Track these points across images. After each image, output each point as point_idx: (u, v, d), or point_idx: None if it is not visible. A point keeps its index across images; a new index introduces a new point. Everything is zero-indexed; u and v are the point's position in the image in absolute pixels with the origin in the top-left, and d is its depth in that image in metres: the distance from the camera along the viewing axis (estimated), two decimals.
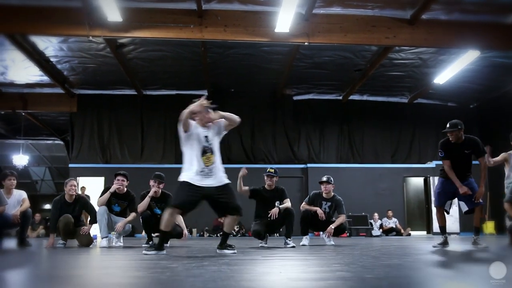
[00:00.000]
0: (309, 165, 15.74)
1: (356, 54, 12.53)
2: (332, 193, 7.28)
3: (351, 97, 16.01)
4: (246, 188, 6.66)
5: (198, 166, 4.60)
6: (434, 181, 15.58)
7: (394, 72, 13.85)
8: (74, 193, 6.91)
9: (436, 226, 15.39)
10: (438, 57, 12.55)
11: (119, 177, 6.85)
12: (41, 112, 16.88)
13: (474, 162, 6.11)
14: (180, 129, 4.71)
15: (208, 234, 14.63)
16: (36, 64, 12.66)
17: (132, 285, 2.37)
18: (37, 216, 14.80)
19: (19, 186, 7.02)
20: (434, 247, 5.82)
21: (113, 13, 9.40)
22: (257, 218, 6.70)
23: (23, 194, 6.80)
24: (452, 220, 15.14)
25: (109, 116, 15.76)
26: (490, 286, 2.21)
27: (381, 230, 14.70)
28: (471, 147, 5.93)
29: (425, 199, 16.26)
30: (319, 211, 7.04)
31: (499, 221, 12.97)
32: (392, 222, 14.91)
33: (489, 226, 14.52)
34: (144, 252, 4.58)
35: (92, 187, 13.97)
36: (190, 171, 4.61)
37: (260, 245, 6.51)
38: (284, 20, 9.60)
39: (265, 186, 6.78)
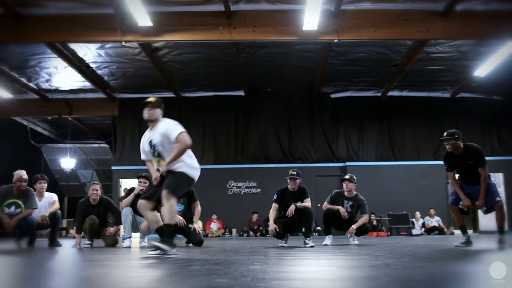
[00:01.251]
0: (348, 163, 15.55)
1: (390, 49, 12.27)
2: (354, 192, 7.12)
3: (390, 93, 15.68)
4: (275, 206, 6.70)
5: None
6: None
7: (433, 66, 13.46)
8: (96, 197, 7.12)
9: (483, 225, 14.88)
10: (478, 49, 12.09)
11: (141, 179, 7.02)
12: (86, 117, 17.51)
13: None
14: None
15: (246, 234, 14.72)
16: (77, 71, 13.15)
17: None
18: None
19: (68, 189, 7.33)
20: (456, 246, 5.63)
21: (143, 18, 9.64)
22: (277, 218, 6.69)
23: (53, 197, 7.10)
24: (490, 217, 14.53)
25: None
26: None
27: (423, 229, 14.30)
28: (472, 158, 5.74)
29: None
30: (341, 209, 6.94)
31: None
32: (434, 221, 14.49)
33: None
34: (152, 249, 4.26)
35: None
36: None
37: (280, 244, 6.49)
38: (312, 17, 9.53)
39: (288, 187, 6.73)
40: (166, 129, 4.51)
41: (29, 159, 18.23)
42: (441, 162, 15.60)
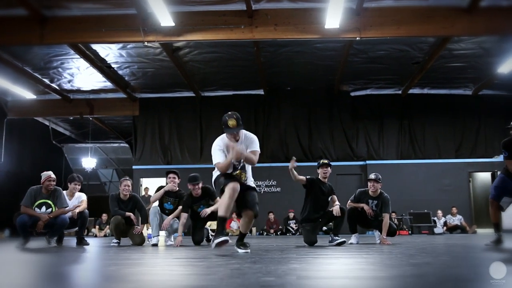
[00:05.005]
0: (368, 162, 15.47)
1: (412, 47, 12.16)
2: (379, 191, 7.05)
3: (411, 91, 15.55)
4: (302, 177, 6.49)
5: None
6: None
7: (455, 64, 13.30)
8: (127, 193, 7.22)
9: (506, 223, 14.64)
10: (501, 45, 11.92)
11: (171, 175, 7.08)
12: (107, 117, 17.68)
13: None
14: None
15: (266, 233, 14.73)
16: (99, 71, 13.29)
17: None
18: (104, 216, 15.42)
19: (89, 188, 7.41)
20: (486, 245, 5.54)
21: (165, 18, 9.68)
22: (306, 221, 6.55)
23: (82, 196, 7.19)
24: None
25: (169, 118, 16.25)
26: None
27: (445, 227, 14.16)
28: None
29: None
30: (366, 207, 6.88)
31: None
32: (456, 220, 14.33)
33: None
34: (243, 251, 4.59)
35: (155, 188, 14.46)
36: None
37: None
38: (334, 15, 9.48)
39: (319, 177, 6.65)
40: (253, 142, 4.85)
41: (51, 159, 18.43)
42: (463, 160, 15.44)
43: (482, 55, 12.57)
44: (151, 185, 15.15)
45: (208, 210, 6.91)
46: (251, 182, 4.93)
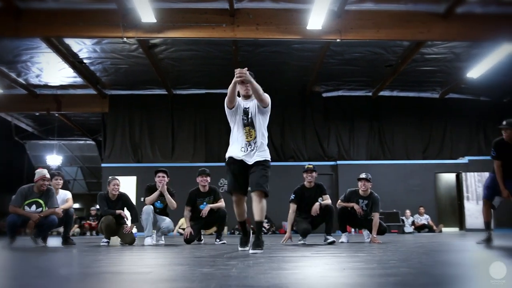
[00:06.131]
0: (339, 162, 15.71)
1: (387, 50, 12.43)
2: (369, 191, 7.19)
3: (381, 93, 15.90)
4: (293, 208, 6.68)
5: (241, 142, 4.67)
6: (467, 177, 15.38)
7: (425, 67, 13.69)
8: (116, 192, 7.09)
9: (469, 223, 15.25)
10: (471, 51, 12.35)
11: (160, 174, 6.97)
12: (73, 113, 17.21)
13: None
14: (225, 107, 4.74)
15: (237, 232, 14.71)
16: (70, 66, 12.92)
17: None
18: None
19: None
20: (478, 243, 5.74)
21: (147, 14, 9.52)
22: (298, 216, 6.70)
23: (67, 194, 7.01)
24: (476, 215, 14.93)
25: (140, 116, 15.99)
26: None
27: (413, 227, 14.56)
28: None
29: (457, 196, 16.04)
30: (356, 206, 6.99)
31: None
32: (424, 219, 14.76)
33: None
34: (251, 251, 4.41)
35: (124, 187, 14.17)
36: (233, 146, 4.72)
37: (300, 242, 6.50)
38: (317, 17, 9.58)
39: (305, 184, 6.75)
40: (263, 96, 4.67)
41: (12, 155, 17.80)
42: (430, 162, 15.91)
43: (452, 59, 12.99)
44: (120, 184, 14.82)
45: (208, 208, 6.92)
46: (261, 151, 4.65)
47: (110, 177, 7.33)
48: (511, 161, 5.80)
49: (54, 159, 18.38)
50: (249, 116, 4.68)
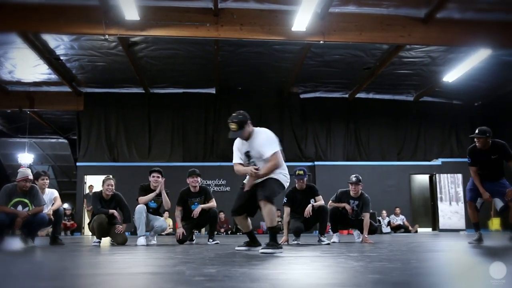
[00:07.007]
0: (316, 163, 15.82)
1: (366, 52, 12.59)
2: (360, 191, 7.28)
3: (358, 95, 16.09)
4: (287, 212, 6.74)
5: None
6: (440, 178, 15.73)
7: (402, 70, 13.94)
8: (110, 192, 6.98)
9: (442, 223, 15.61)
10: (447, 56, 12.64)
11: (154, 174, 6.89)
12: (45, 111, 16.78)
13: None
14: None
15: (216, 233, 14.63)
16: (45, 63, 12.59)
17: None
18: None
19: None
20: (470, 243, 5.89)
21: (130, 12, 9.37)
22: (291, 217, 6.72)
23: (55, 193, 6.86)
24: (458, 217, 15.33)
25: (117, 115, 15.73)
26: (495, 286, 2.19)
27: (389, 227, 14.80)
28: (497, 152, 5.97)
29: (430, 196, 16.41)
30: (347, 206, 7.08)
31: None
32: (399, 219, 15.02)
33: (494, 223, 14.65)
34: (260, 251, 4.43)
35: (99, 186, 13.93)
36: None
37: (295, 242, 6.53)
38: (302, 19, 9.63)
39: (296, 186, 6.79)
40: (263, 145, 4.60)
41: None
42: (405, 163, 16.18)
43: (428, 63, 13.26)
44: (96, 183, 14.54)
45: (199, 208, 6.86)
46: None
47: (104, 176, 7.21)
48: (486, 165, 6.03)
49: (25, 158, 17.87)
50: (251, 159, 4.73)
